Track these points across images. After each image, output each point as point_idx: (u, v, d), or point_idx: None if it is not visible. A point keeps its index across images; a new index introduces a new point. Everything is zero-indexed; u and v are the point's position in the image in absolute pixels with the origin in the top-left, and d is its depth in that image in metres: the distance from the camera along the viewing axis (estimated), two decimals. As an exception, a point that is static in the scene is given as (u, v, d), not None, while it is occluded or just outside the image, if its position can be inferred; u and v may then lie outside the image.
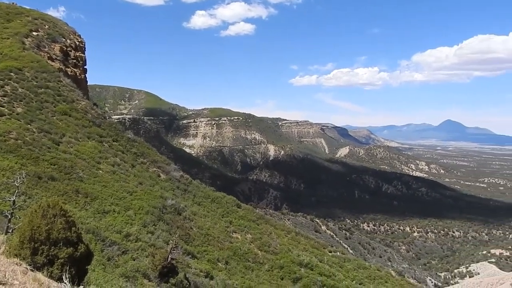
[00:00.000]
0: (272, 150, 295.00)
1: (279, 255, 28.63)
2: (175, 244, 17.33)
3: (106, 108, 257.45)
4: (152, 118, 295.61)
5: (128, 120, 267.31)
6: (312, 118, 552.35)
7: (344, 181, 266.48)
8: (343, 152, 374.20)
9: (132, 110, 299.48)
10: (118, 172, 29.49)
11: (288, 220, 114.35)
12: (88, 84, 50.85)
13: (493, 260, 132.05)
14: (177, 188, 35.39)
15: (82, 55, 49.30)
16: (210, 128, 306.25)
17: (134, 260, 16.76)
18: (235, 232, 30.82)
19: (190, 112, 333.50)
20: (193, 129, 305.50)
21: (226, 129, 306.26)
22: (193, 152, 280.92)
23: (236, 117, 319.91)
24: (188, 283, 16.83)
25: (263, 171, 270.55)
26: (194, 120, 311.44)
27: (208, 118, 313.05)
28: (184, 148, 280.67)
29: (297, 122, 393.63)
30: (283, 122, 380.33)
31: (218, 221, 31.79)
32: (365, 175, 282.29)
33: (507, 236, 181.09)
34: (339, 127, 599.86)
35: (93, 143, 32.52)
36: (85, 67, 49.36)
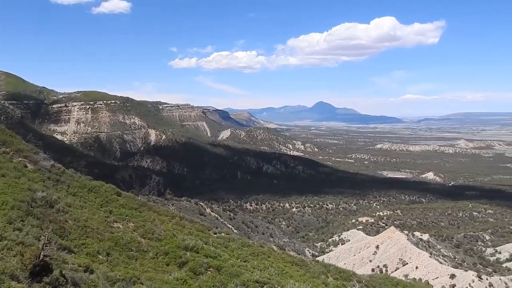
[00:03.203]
0: (153, 135, 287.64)
1: (163, 241, 28.06)
2: (47, 240, 15.80)
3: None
4: (15, 102, 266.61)
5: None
6: (194, 102, 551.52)
7: (227, 163, 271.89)
8: (225, 134, 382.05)
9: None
10: (-26, 165, 25.97)
11: (172, 205, 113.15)
12: None
13: (360, 227, 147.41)
14: (48, 179, 32.36)
15: None
16: (84, 113, 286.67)
17: (-2, 262, 14.92)
18: (116, 222, 29.35)
19: (61, 96, 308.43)
20: (65, 114, 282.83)
21: (102, 113, 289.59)
22: (66, 140, 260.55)
23: (113, 101, 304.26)
24: (64, 280, 15.53)
25: (145, 157, 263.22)
26: (66, 105, 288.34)
27: (82, 102, 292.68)
28: (55, 135, 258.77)
29: (178, 106, 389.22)
30: (163, 105, 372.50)
31: (97, 211, 29.94)
32: (247, 156, 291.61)
33: (372, 205, 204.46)
34: (220, 110, 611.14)
35: None
36: None
